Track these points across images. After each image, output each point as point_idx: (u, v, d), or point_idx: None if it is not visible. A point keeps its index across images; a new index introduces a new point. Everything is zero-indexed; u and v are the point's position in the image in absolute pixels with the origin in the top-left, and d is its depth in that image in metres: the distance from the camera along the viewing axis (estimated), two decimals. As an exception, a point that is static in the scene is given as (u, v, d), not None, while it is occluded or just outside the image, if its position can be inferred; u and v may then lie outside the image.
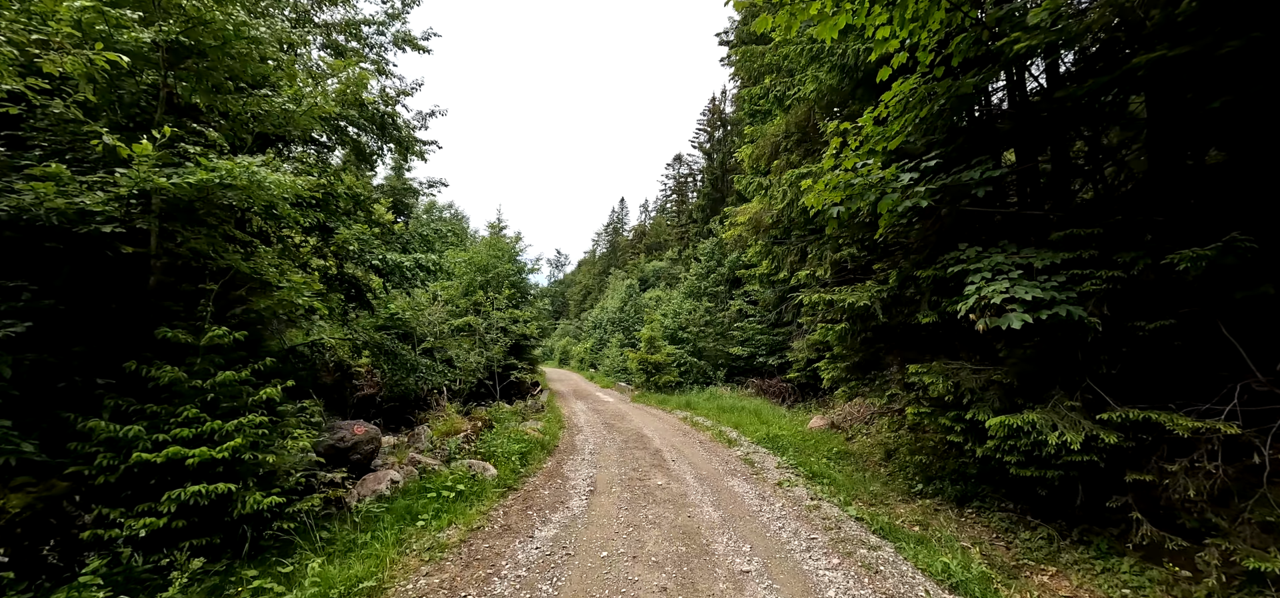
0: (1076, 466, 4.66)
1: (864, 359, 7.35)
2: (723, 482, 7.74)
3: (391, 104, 10.96)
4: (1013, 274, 4.50)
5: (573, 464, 8.88)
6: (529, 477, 7.78)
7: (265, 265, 5.48)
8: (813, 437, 11.54)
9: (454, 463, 6.80)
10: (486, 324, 15.49)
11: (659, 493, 7.14)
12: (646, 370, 22.42)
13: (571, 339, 56.21)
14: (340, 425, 6.16)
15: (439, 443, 7.52)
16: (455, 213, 39.98)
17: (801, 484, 7.50)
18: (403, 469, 6.32)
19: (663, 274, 43.40)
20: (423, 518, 5.42)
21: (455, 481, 6.26)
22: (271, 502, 4.23)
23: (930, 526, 6.04)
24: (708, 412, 15.82)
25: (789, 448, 10.14)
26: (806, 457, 9.45)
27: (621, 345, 32.70)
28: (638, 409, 17.52)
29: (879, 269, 6.94)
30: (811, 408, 16.65)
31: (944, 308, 5.61)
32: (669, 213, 59.51)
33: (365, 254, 9.59)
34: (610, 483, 7.65)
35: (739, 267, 22.90)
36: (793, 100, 7.94)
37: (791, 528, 5.76)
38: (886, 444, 10.11)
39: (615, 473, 8.29)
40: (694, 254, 31.50)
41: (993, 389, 5.24)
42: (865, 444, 11.14)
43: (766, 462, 9.04)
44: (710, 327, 23.86)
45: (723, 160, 38.55)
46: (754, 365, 21.09)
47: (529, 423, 11.50)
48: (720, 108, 43.24)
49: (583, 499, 6.89)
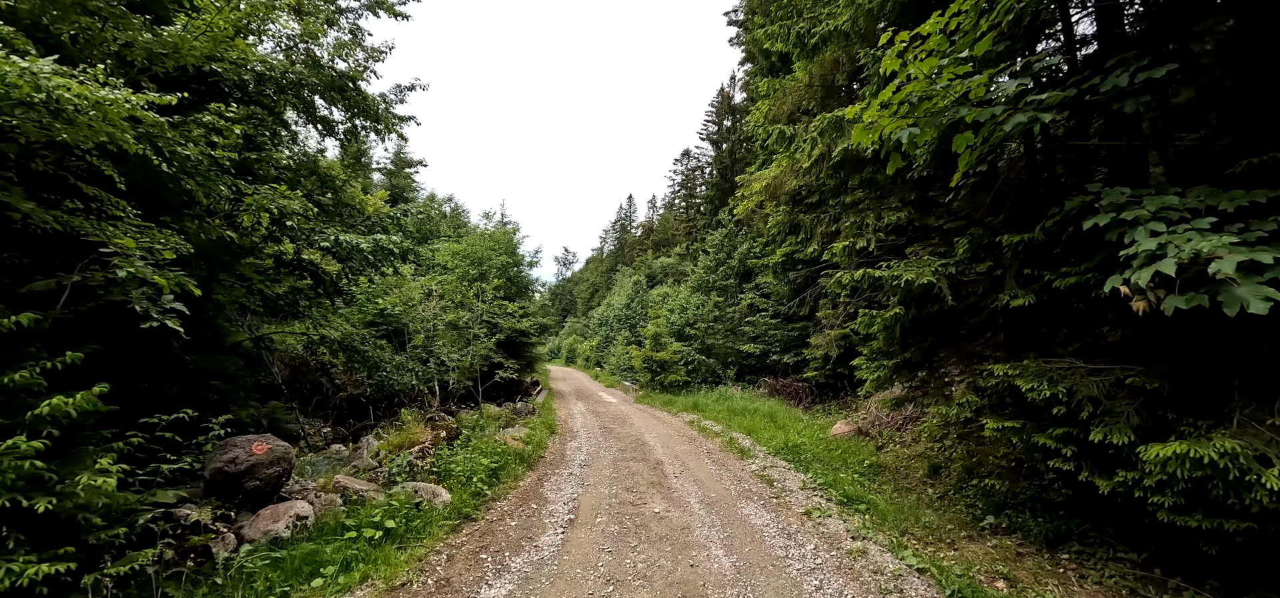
0: (1275, 516, 3.07)
1: (918, 355, 5.78)
2: (736, 508, 6.20)
3: (346, 55, 9.50)
4: (1200, 224, 2.89)
5: (556, 482, 7.40)
6: (496, 501, 6.30)
7: (116, 233, 4.03)
8: (838, 446, 9.97)
9: (396, 487, 5.35)
10: (469, 318, 14.04)
11: (655, 525, 5.62)
12: (651, 369, 20.89)
13: (578, 337, 55.21)
14: (233, 443, 4.70)
15: (385, 459, 6.08)
16: (456, 207, 38.73)
17: (836, 513, 5.94)
18: (320, 498, 4.86)
19: (670, 270, 41.90)
20: (325, 573, 3.95)
21: (388, 513, 4.79)
22: (47, 571, 2.77)
23: (1019, 580, 4.46)
24: (717, 415, 14.26)
25: (813, 461, 8.57)
26: (835, 473, 7.88)
27: (627, 343, 31.21)
28: (640, 411, 16.01)
29: (933, 241, 5.38)
30: (832, 410, 15.05)
31: (1051, 283, 4.01)
32: (677, 209, 58.03)
33: (313, 236, 8.15)
34: (596, 510, 6.15)
35: (751, 256, 21.31)
36: (819, 39, 6.37)
37: (834, 589, 4.21)
38: (930, 458, 8.51)
39: (605, 495, 6.78)
40: (702, 247, 29.89)
41: (1124, 399, 3.65)
42: (901, 456, 9.55)
43: (788, 480, 7.49)
44: (720, 322, 22.28)
45: (732, 149, 36.93)
46: (767, 364, 19.49)
47: (512, 430, 10.03)
48: (729, 97, 41.60)
49: (558, 534, 5.39)
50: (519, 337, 19.77)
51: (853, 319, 10.60)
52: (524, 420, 11.38)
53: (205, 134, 6.08)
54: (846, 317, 9.24)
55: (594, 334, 47.15)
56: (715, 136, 42.63)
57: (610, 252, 73.49)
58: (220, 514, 4.42)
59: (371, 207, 11.73)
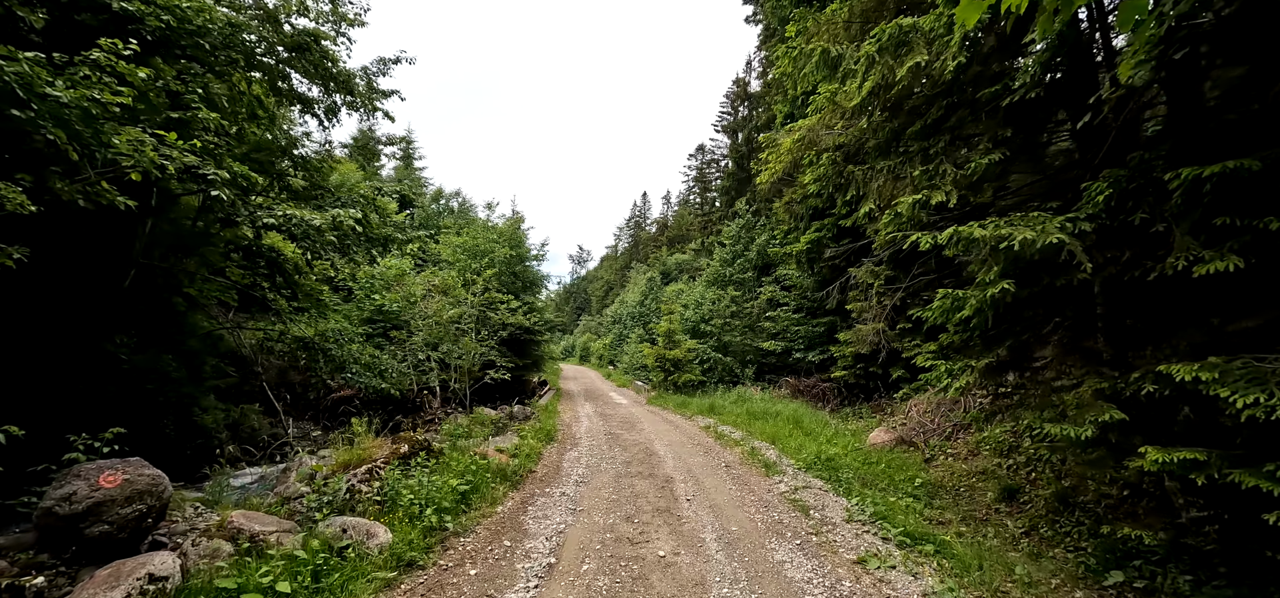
0: None
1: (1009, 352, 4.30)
2: (764, 551, 4.80)
3: (306, 10, 8.29)
4: None
5: (542, 506, 6.08)
6: (459, 537, 4.99)
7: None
8: (879, 459, 8.49)
9: (319, 525, 4.07)
10: (455, 313, 12.80)
11: (659, 579, 4.26)
12: (664, 368, 19.51)
13: (592, 336, 54.45)
14: (74, 474, 3.45)
15: (319, 484, 4.80)
16: (464, 202, 37.70)
17: (899, 562, 4.50)
18: (200, 546, 3.57)
19: (685, 267, 40.48)
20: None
21: (290, 568, 3.51)
22: None
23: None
24: (735, 418, 12.86)
25: (853, 480, 7.14)
26: (884, 496, 6.44)
27: (640, 341, 29.87)
28: (652, 414, 14.65)
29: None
30: (864, 414, 13.52)
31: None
32: (692, 204, 56.67)
33: (258, 213, 6.94)
34: (584, 551, 4.80)
35: (772, 245, 19.78)
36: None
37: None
38: (999, 476, 7.00)
39: (599, 526, 5.44)
40: (718, 239, 28.37)
41: None
42: (956, 472, 8.04)
43: (827, 507, 6.06)
44: (737, 318, 20.77)
45: (748, 137, 35.35)
46: (789, 362, 17.95)
47: (500, 439, 8.73)
48: (745, 83, 39.98)
49: (528, 590, 4.06)
50: (524, 334, 18.54)
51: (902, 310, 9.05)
52: (517, 427, 10.09)
53: (93, 77, 4.87)
54: (890, 311, 7.71)
55: (607, 333, 46.03)
56: (731, 125, 41.06)
57: (625, 249, 72.45)
58: (55, 573, 3.18)
59: (344, 175, 10.57)
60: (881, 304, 7.71)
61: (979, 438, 8.55)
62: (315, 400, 14.35)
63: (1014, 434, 7.92)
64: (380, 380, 10.74)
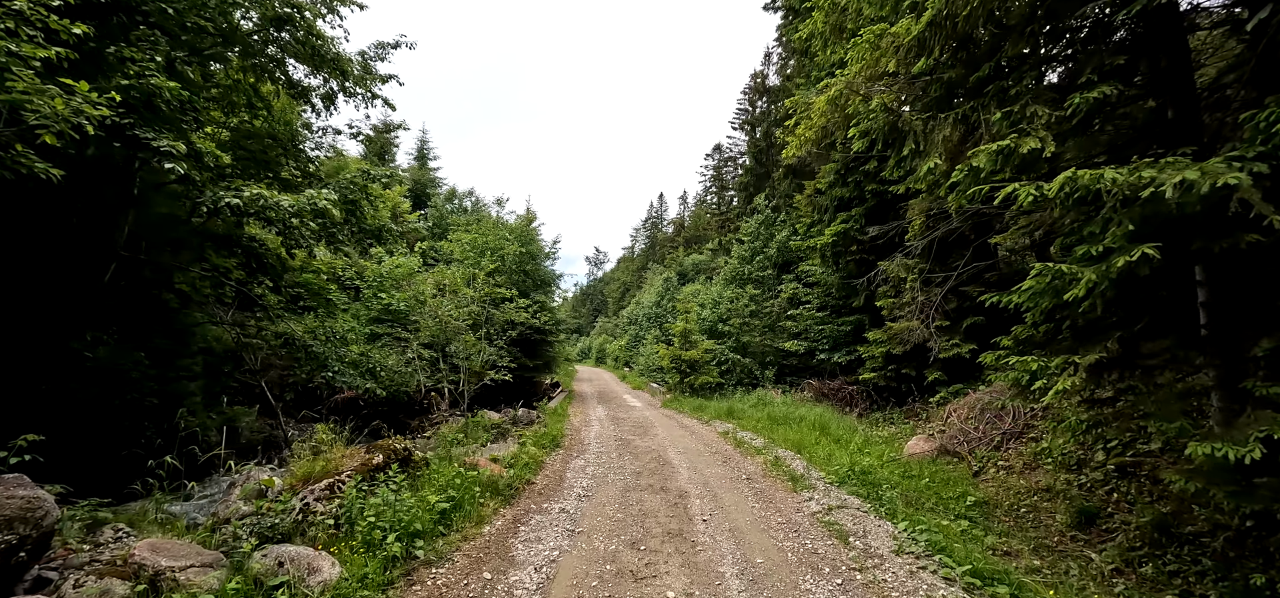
0: None
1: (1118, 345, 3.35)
2: (798, 592, 3.93)
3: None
4: None
5: (536, 526, 5.28)
6: (431, 567, 4.20)
7: None
8: (921, 472, 7.51)
9: (252, 558, 3.33)
10: (450, 309, 12.11)
11: (667, 627, 3.42)
12: (680, 369, 18.62)
13: (608, 337, 53.91)
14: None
15: (270, 503, 4.05)
16: (477, 201, 37.31)
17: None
18: (84, 585, 2.85)
19: (702, 267, 39.53)
20: None
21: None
22: None
23: None
24: (756, 424, 11.91)
25: (896, 498, 6.19)
26: (935, 518, 5.50)
27: (656, 342, 29.01)
28: (667, 418, 13.80)
29: None
30: (896, 420, 12.45)
31: None
32: (708, 204, 55.70)
33: (219, 194, 6.29)
34: (577, 588, 3.99)
35: (793, 239, 18.77)
36: None
37: None
38: (1071, 496, 5.98)
39: (599, 553, 4.62)
40: (736, 236, 27.37)
41: None
42: (1013, 488, 7.03)
43: (870, 533, 5.14)
44: (756, 317, 19.79)
45: (766, 132, 34.32)
46: (813, 364, 16.93)
47: (497, 446, 7.97)
48: (763, 77, 38.90)
49: (504, 642, 3.25)
50: (535, 334, 17.83)
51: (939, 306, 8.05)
52: (519, 433, 9.32)
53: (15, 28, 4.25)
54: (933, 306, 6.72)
55: (623, 334, 45.33)
56: (748, 121, 40.00)
57: (641, 250, 71.78)
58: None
59: (353, 173, 9.96)
60: (924, 297, 6.73)
61: (1036, 449, 7.54)
62: (319, 402, 13.83)
63: (1082, 446, 6.90)
64: (369, 380, 10.05)
